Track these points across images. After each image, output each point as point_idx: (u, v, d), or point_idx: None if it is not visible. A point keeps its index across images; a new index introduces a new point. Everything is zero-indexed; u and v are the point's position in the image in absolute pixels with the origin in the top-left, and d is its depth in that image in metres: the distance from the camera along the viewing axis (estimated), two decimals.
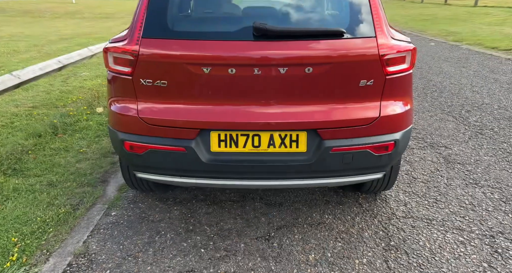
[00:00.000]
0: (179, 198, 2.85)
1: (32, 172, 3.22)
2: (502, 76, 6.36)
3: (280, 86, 2.07)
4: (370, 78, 2.10)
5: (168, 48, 2.07)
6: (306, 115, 2.11)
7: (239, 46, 2.03)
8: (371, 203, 2.78)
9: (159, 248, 2.32)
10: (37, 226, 2.49)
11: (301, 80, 2.06)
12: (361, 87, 2.11)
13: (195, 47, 2.05)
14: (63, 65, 4.29)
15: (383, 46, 2.12)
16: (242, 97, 2.10)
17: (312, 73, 2.04)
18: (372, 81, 2.10)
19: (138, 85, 2.13)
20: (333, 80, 2.08)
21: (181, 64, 2.05)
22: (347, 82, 2.10)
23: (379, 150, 2.18)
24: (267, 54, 2.01)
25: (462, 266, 2.13)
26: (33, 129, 4.08)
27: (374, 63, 2.07)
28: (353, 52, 2.07)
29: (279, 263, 2.19)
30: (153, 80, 2.10)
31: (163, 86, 2.10)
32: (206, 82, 2.07)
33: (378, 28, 2.13)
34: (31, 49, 9.40)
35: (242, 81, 2.06)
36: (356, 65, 2.09)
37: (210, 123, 2.11)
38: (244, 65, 2.02)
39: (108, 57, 2.21)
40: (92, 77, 6.85)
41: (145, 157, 2.21)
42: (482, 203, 2.75)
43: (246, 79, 2.05)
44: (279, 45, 2.03)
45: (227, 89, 2.09)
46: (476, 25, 13.18)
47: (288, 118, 2.09)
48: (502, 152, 3.56)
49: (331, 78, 2.07)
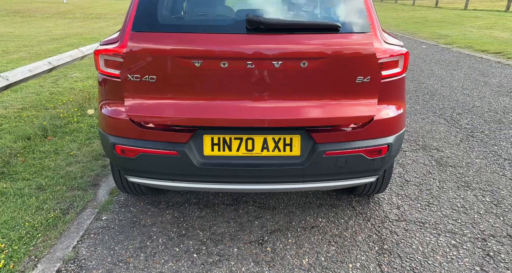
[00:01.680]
0: (171, 202, 2.82)
1: (21, 175, 3.16)
2: (492, 79, 6.44)
3: (274, 81, 2.01)
4: (366, 74, 2.06)
5: (158, 41, 2.01)
6: (301, 111, 2.06)
7: (232, 39, 1.98)
8: (364, 206, 2.77)
9: (150, 253, 2.28)
10: (25, 231, 2.44)
11: (296, 75, 2.01)
12: (357, 84, 2.07)
13: (186, 40, 2.00)
14: (53, 67, 4.23)
15: (377, 50, 2.12)
16: (234, 92, 2.04)
17: (308, 67, 2.00)
18: (369, 77, 2.07)
19: (125, 82, 2.07)
20: (329, 75, 2.03)
21: (172, 57, 1.99)
22: (343, 78, 2.05)
23: (373, 153, 2.18)
24: (260, 47, 1.97)
25: (454, 269, 2.14)
26: (22, 131, 4.01)
27: (371, 58, 2.04)
28: (349, 47, 2.03)
29: (273, 268, 2.17)
30: (141, 75, 2.03)
31: (151, 81, 2.03)
32: (197, 77, 2.02)
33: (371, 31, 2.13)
34: (21, 50, 9.26)
35: (235, 75, 2.00)
36: (352, 60, 2.04)
37: (200, 120, 2.05)
38: (236, 59, 1.97)
39: (99, 60, 2.18)
40: (83, 78, 6.77)
41: (136, 161, 2.17)
42: (474, 206, 2.76)
43: (239, 73, 1.99)
44: (273, 38, 1.99)
45: (219, 84, 2.02)
46: (466, 28, 13.35)
47: (283, 115, 2.04)
48: (493, 155, 3.59)
49: (327, 74, 2.03)
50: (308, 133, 2.12)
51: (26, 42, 10.49)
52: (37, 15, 19.14)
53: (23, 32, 12.58)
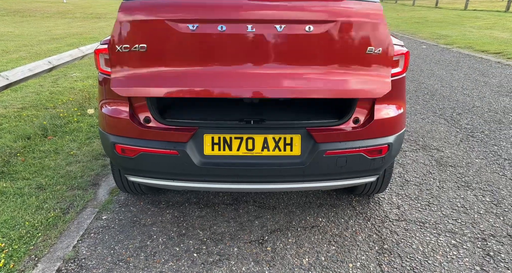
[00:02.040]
0: (171, 201, 2.82)
1: (21, 175, 3.15)
2: (492, 79, 6.44)
3: (277, 47, 1.85)
4: (378, 45, 1.90)
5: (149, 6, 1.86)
6: (307, 81, 1.90)
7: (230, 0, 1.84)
8: (364, 206, 2.77)
9: (150, 253, 2.28)
10: (25, 231, 2.44)
11: (301, 42, 1.85)
12: (368, 55, 1.92)
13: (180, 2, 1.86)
14: (53, 66, 4.23)
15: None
16: (232, 60, 1.88)
17: (313, 33, 1.85)
18: (380, 49, 1.91)
19: (114, 54, 1.92)
20: (336, 43, 1.87)
21: (164, 21, 1.83)
22: (353, 47, 1.88)
23: (373, 153, 2.18)
24: (262, 8, 1.81)
25: (455, 269, 2.14)
26: (22, 131, 4.00)
27: (382, 27, 1.89)
28: (359, 11, 1.87)
29: (273, 268, 2.17)
30: (131, 45, 1.88)
31: (142, 51, 1.88)
32: (192, 43, 1.84)
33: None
34: (20, 49, 9.26)
35: (233, 41, 1.84)
36: (362, 27, 1.87)
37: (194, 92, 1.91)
38: (235, 22, 1.82)
39: (99, 59, 2.17)
40: (83, 78, 6.77)
41: (137, 160, 2.17)
42: (474, 206, 2.76)
43: (238, 38, 1.84)
44: None
45: (216, 52, 1.87)
46: (466, 28, 13.36)
47: (287, 85, 1.89)
48: (492, 155, 3.59)
49: (334, 41, 1.86)
50: (309, 133, 2.12)
51: (26, 41, 10.48)
52: (37, 14, 19.13)
53: (23, 32, 12.57)
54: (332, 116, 2.27)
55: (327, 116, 2.28)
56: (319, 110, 2.41)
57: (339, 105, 2.41)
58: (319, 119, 2.22)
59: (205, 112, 2.37)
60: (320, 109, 2.42)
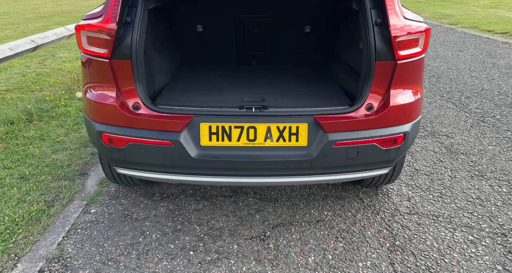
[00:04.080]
0: (166, 193, 2.62)
1: (2, 163, 2.93)
2: (500, 60, 6.20)
3: None
4: None
5: None
6: None
7: None
8: (372, 198, 2.59)
9: (143, 251, 2.10)
10: (5, 227, 2.24)
11: None
12: None
13: None
14: (37, 45, 3.94)
15: (394, 27, 1.88)
16: None
17: None
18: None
19: None
20: None
21: None
22: None
23: (387, 143, 1.98)
24: None
25: (474, 269, 1.97)
26: (4, 115, 3.75)
27: None
28: None
29: (276, 267, 2.00)
30: None
31: None
32: None
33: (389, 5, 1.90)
34: (6, 28, 8.84)
35: None
36: None
37: None
38: None
39: (81, 37, 1.94)
40: (72, 58, 6.45)
41: (126, 151, 1.96)
42: (490, 197, 2.59)
43: None
44: None
45: None
46: (470, 7, 12.96)
47: None
48: (506, 141, 3.41)
49: None
50: (317, 121, 1.90)
51: (12, 19, 10.03)
52: None
53: (9, 9, 12.06)
54: (342, 102, 2.06)
55: (337, 103, 2.07)
56: (328, 96, 2.19)
57: (350, 90, 2.19)
58: (328, 106, 2.01)
59: (202, 98, 2.15)
60: (329, 95, 2.20)
